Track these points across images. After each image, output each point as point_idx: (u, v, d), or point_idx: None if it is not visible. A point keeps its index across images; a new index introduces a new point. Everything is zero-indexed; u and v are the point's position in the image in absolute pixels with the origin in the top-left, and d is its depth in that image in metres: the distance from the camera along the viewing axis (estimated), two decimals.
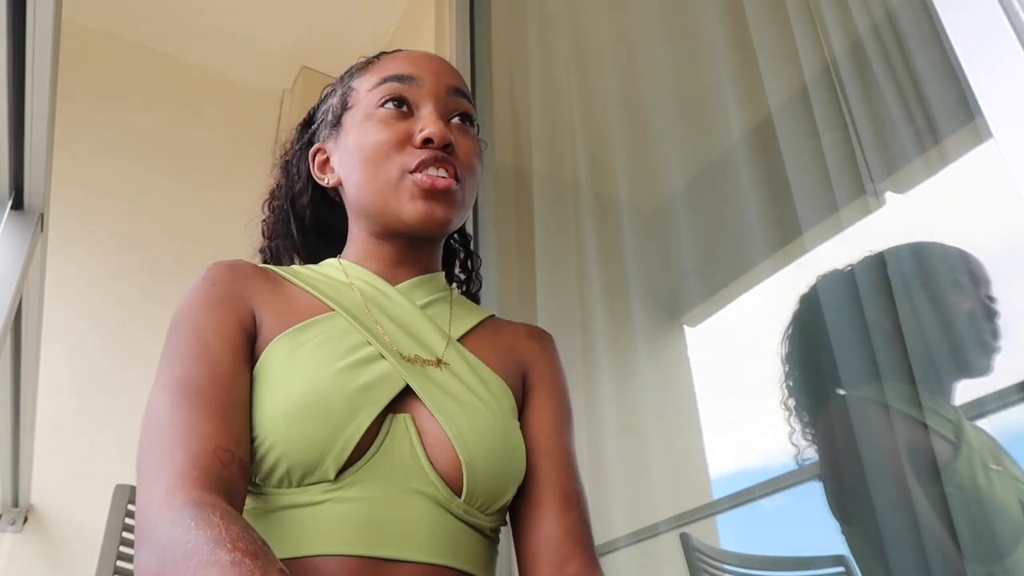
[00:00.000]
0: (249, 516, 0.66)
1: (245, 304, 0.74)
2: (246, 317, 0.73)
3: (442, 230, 0.80)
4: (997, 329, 1.09)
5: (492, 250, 1.76)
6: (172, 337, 0.71)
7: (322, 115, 0.92)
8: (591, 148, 1.78)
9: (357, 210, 0.84)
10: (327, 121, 0.89)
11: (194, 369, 0.66)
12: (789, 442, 1.27)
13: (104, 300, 2.17)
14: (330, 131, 0.88)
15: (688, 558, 1.37)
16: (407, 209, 0.78)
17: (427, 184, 0.77)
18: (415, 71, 0.84)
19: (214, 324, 0.70)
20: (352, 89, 0.88)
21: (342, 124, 0.87)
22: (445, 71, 0.86)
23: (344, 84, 0.90)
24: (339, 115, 0.87)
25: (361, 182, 0.81)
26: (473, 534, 0.70)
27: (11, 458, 1.65)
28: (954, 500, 0.98)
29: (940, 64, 0.93)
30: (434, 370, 0.74)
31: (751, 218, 1.34)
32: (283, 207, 0.94)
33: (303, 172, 0.92)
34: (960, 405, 1.10)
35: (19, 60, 1.02)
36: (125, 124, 2.49)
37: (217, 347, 0.68)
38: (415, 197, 0.77)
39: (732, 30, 1.39)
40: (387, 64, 0.86)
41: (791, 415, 1.29)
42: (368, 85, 0.85)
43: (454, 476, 0.68)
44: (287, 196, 0.94)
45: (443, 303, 0.84)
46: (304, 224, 0.93)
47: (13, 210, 1.21)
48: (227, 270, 0.77)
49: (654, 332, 1.83)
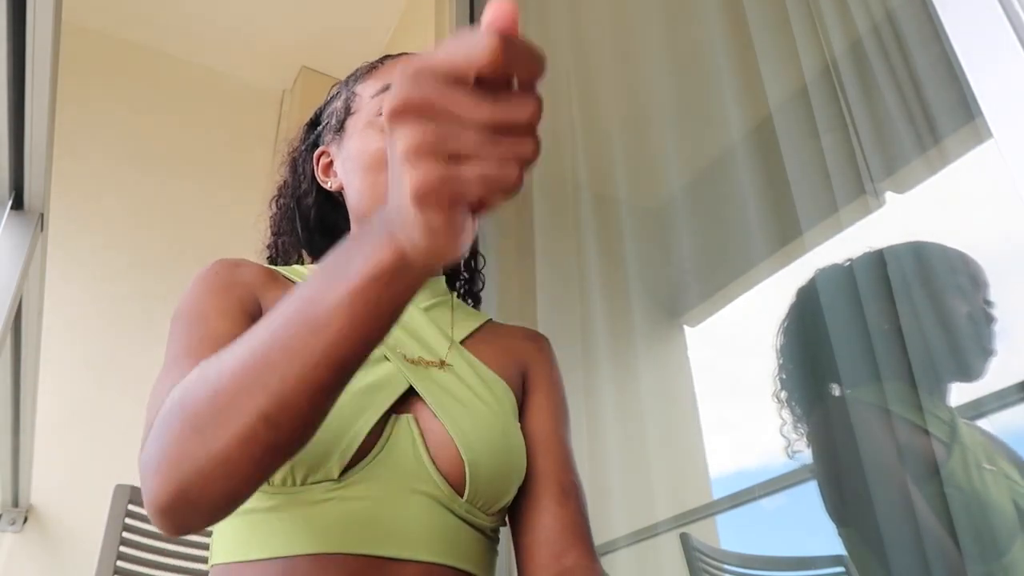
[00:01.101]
0: (252, 514, 0.66)
1: (249, 292, 0.74)
2: (250, 303, 0.73)
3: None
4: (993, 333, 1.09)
5: (492, 250, 1.76)
6: (174, 325, 0.71)
7: (327, 117, 0.93)
8: (591, 148, 1.78)
9: (358, 215, 0.85)
10: (331, 125, 0.91)
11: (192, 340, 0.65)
12: (780, 433, 1.28)
13: (104, 300, 2.17)
14: (334, 135, 0.90)
15: (688, 558, 1.37)
16: None
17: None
18: None
19: (216, 305, 0.70)
20: (355, 94, 0.89)
21: (345, 129, 0.88)
22: None
23: (348, 88, 0.91)
24: (342, 120, 0.88)
25: (361, 189, 0.82)
26: (475, 534, 0.70)
27: (11, 458, 1.65)
28: (948, 500, 0.98)
29: (940, 64, 0.93)
30: (437, 372, 0.75)
31: (751, 218, 1.34)
32: (289, 205, 0.94)
33: (308, 173, 0.93)
34: (960, 405, 1.10)
35: (19, 60, 1.02)
36: (125, 124, 2.49)
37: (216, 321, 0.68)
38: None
39: (732, 30, 1.39)
40: (390, 70, 0.87)
41: (783, 407, 1.29)
42: (371, 91, 0.86)
43: (457, 476, 0.68)
44: (293, 194, 0.94)
45: (444, 307, 0.85)
46: (309, 223, 0.94)
47: (13, 210, 1.21)
48: (231, 265, 0.77)
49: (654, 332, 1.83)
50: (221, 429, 0.48)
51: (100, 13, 2.55)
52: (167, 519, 0.52)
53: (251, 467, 0.49)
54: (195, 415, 0.50)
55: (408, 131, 0.36)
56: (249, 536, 0.65)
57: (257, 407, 0.47)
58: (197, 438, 0.49)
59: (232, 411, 0.48)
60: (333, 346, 0.45)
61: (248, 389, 0.47)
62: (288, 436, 0.48)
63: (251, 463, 0.48)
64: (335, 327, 0.45)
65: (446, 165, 0.36)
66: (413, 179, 0.37)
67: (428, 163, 0.36)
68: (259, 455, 0.48)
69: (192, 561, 1.40)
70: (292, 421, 0.47)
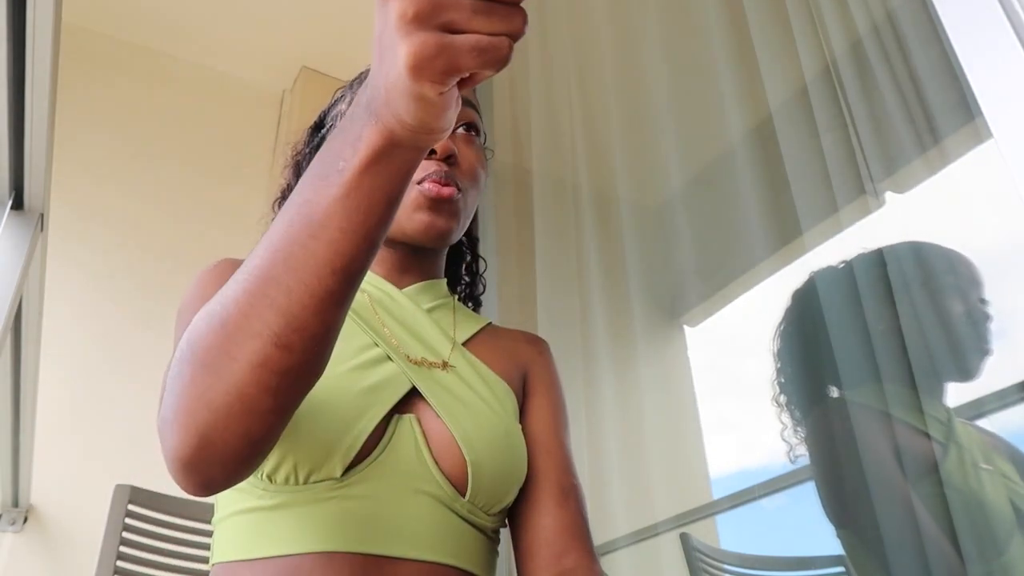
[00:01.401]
0: (254, 513, 0.66)
1: None
2: None
3: (443, 241, 0.81)
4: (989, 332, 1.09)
5: (492, 250, 1.76)
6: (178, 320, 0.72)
7: (331, 120, 0.93)
8: (591, 148, 1.78)
9: None
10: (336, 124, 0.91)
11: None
12: (780, 438, 1.28)
13: (104, 300, 2.17)
14: None
15: (688, 558, 1.37)
16: (410, 220, 0.79)
17: (432, 193, 0.78)
18: None
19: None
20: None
21: None
22: None
23: (353, 90, 0.92)
24: None
25: None
26: (476, 534, 0.70)
27: (11, 458, 1.65)
28: (945, 501, 0.98)
29: (940, 64, 0.93)
30: (440, 373, 0.75)
31: (751, 218, 1.34)
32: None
33: None
34: (960, 405, 1.10)
35: (19, 60, 1.02)
36: (125, 124, 2.49)
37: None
38: (418, 208, 0.79)
39: (732, 30, 1.39)
40: None
41: (782, 411, 1.29)
42: None
43: (459, 476, 0.69)
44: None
45: (446, 309, 0.85)
46: None
47: (13, 210, 1.21)
48: (234, 263, 0.77)
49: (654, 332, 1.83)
50: (233, 361, 0.46)
51: (100, 13, 2.55)
52: (190, 474, 0.51)
53: (268, 398, 0.47)
54: (205, 352, 0.48)
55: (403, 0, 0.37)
56: (251, 535, 0.65)
57: (266, 327, 0.45)
58: (210, 377, 0.47)
59: (241, 337, 0.46)
60: (335, 246, 0.44)
61: (255, 310, 0.45)
62: (301, 357, 0.46)
63: (268, 394, 0.46)
64: (334, 225, 0.43)
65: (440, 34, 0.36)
66: (409, 47, 0.36)
67: (424, 31, 0.36)
68: (274, 383, 0.46)
69: (193, 561, 1.40)
70: (303, 339, 0.45)
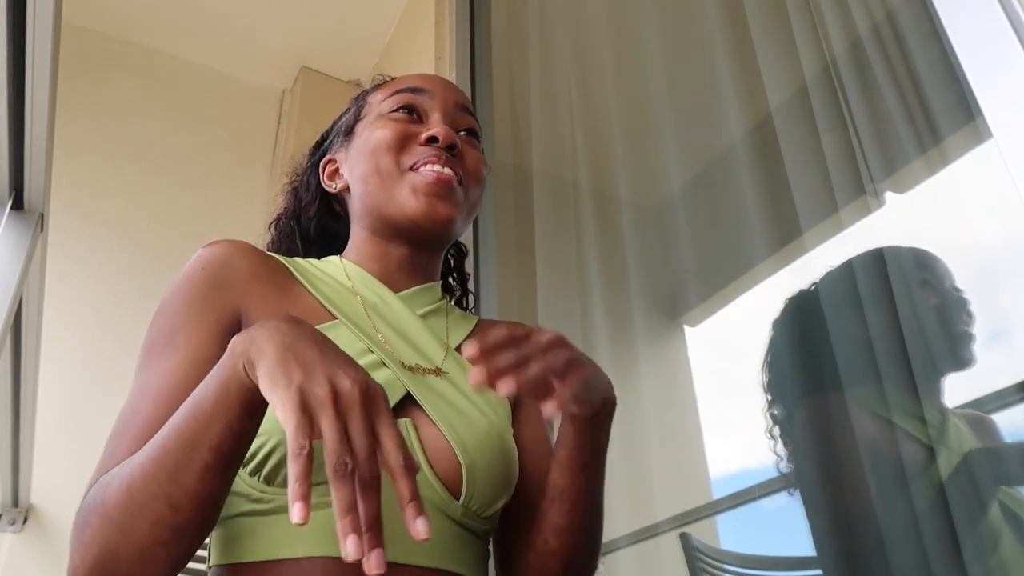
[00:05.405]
0: (250, 517, 0.66)
1: (229, 301, 0.74)
2: (227, 316, 0.73)
3: (445, 228, 0.81)
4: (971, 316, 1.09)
5: (492, 250, 1.76)
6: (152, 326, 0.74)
7: (336, 130, 0.95)
8: (591, 148, 1.78)
9: (361, 208, 0.86)
10: (340, 132, 0.93)
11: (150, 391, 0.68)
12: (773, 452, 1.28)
13: (104, 300, 2.17)
14: (343, 140, 0.92)
15: (688, 558, 1.37)
16: (410, 203, 0.79)
17: (431, 178, 0.79)
18: (427, 85, 0.89)
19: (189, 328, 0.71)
20: (367, 103, 0.92)
21: (354, 132, 0.90)
22: (454, 90, 0.92)
23: (359, 100, 0.94)
24: (352, 125, 0.91)
25: (366, 174, 0.83)
26: (469, 538, 0.71)
27: (11, 458, 1.65)
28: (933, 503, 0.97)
29: (940, 64, 0.93)
30: (434, 379, 0.75)
31: (751, 218, 1.34)
32: (289, 224, 0.96)
33: (312, 185, 0.95)
34: (960, 405, 1.09)
35: (19, 60, 1.02)
36: (125, 124, 2.49)
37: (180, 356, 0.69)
38: (418, 192, 0.80)
39: (732, 30, 1.39)
40: (401, 80, 0.92)
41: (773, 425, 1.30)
42: (382, 97, 0.90)
43: (454, 480, 0.69)
44: (294, 216, 0.96)
45: (440, 313, 0.86)
46: (309, 234, 0.95)
47: (13, 210, 1.21)
48: (221, 261, 0.76)
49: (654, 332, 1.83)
50: (135, 519, 0.56)
51: (100, 13, 2.55)
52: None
53: (162, 551, 0.56)
54: (114, 508, 0.57)
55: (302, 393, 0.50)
56: (247, 538, 0.65)
57: (161, 490, 0.55)
58: (116, 533, 0.56)
59: (142, 497, 0.55)
60: (216, 437, 0.55)
61: (154, 477, 0.55)
62: (188, 516, 0.55)
63: (162, 547, 0.56)
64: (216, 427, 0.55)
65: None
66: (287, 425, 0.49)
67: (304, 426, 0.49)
68: (167, 538, 0.55)
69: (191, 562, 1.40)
70: (189, 501, 0.55)
